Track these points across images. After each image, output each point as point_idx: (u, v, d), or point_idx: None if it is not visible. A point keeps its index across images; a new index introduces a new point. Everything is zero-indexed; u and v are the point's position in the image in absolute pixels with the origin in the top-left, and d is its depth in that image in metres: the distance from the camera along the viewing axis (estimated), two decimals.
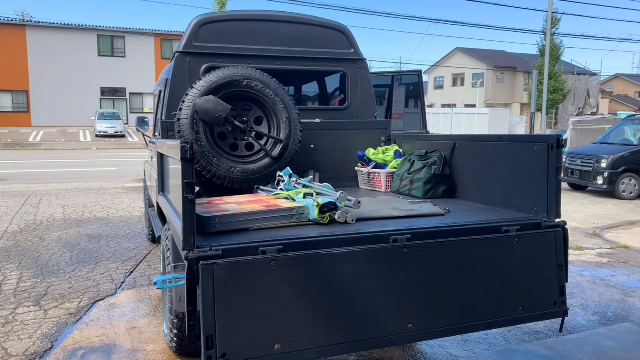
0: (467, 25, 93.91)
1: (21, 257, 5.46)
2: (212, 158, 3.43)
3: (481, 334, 3.58)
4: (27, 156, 19.09)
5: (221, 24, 4.00)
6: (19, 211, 8.11)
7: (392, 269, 2.28)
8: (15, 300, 4.21)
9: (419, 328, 2.35)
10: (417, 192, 3.47)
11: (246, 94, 3.58)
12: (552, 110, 34.01)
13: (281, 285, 2.10)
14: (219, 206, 2.67)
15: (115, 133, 27.57)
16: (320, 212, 2.52)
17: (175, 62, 3.90)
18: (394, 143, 4.20)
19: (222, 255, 2.05)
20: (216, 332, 2.01)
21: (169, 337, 3.12)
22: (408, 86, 7.43)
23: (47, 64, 32.16)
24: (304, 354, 2.15)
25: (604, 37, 61.52)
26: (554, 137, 2.59)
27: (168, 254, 2.89)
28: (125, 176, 12.97)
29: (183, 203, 2.04)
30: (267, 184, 3.53)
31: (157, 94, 4.97)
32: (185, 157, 2.03)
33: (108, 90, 34.39)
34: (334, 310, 2.19)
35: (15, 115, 32.06)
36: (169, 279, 2.52)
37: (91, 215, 7.88)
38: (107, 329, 3.67)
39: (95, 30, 33.57)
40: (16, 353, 3.27)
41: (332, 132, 4.13)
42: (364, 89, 4.40)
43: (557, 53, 30.59)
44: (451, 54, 47.92)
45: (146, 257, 5.52)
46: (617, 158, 10.21)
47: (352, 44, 4.33)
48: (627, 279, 4.97)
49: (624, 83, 53.94)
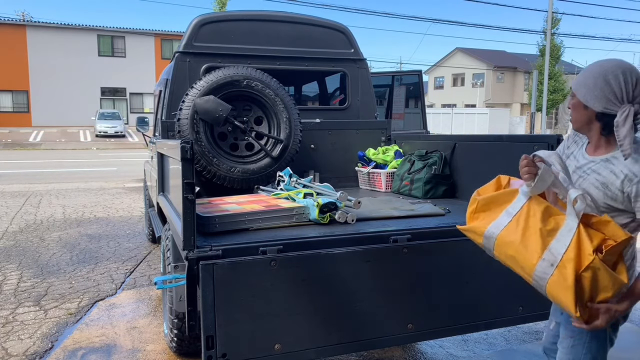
0: (467, 25, 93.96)
1: (21, 257, 5.46)
2: (212, 158, 3.43)
3: (481, 334, 3.58)
4: (27, 156, 19.09)
5: (221, 24, 4.00)
6: (19, 211, 8.11)
7: (392, 269, 2.28)
8: (15, 300, 4.21)
9: (419, 328, 2.35)
10: (417, 192, 3.46)
11: (246, 94, 3.58)
12: (552, 110, 34.02)
13: (281, 285, 2.10)
14: (219, 206, 2.66)
15: (115, 133, 27.57)
16: (320, 212, 2.52)
17: (175, 62, 3.90)
18: (394, 143, 4.20)
19: (222, 255, 2.05)
20: (216, 332, 2.01)
21: (169, 337, 3.12)
22: (408, 86, 7.42)
23: (47, 64, 32.17)
24: (304, 354, 2.16)
25: (604, 37, 61.68)
26: (554, 137, 2.60)
27: (168, 254, 2.88)
28: (125, 176, 12.97)
29: (183, 203, 2.04)
30: (267, 184, 3.53)
31: (157, 94, 4.97)
32: (185, 157, 2.03)
33: (108, 90, 34.40)
34: (334, 310, 2.19)
35: (15, 115, 32.07)
36: (169, 279, 2.52)
37: (91, 215, 7.88)
38: (107, 328, 3.67)
39: (95, 30, 33.58)
40: (16, 353, 3.27)
41: (332, 132, 4.13)
42: (364, 89, 4.40)
43: (557, 53, 30.60)
44: (451, 54, 47.94)
45: (146, 257, 5.52)
46: None
47: (352, 44, 4.33)
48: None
49: None
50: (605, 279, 1.47)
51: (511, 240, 1.59)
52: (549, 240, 1.53)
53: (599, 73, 1.63)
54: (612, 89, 1.61)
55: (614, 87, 1.61)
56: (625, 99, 1.60)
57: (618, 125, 1.58)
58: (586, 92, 1.66)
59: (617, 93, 1.60)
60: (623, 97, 1.60)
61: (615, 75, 1.61)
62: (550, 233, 1.53)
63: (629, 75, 1.60)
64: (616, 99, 1.61)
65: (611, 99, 1.61)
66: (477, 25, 64.19)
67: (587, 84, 1.66)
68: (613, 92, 1.61)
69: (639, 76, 1.61)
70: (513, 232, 1.59)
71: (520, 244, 1.57)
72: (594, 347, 1.73)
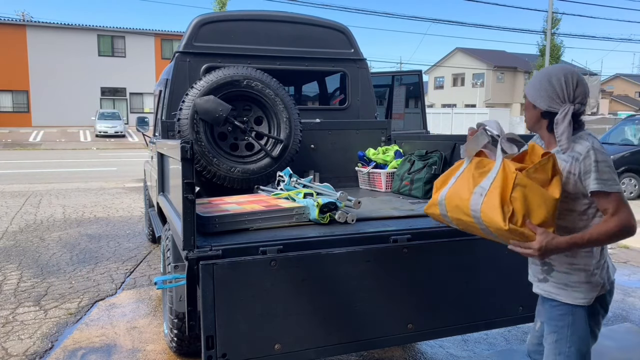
0: (467, 25, 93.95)
1: (21, 257, 5.46)
2: (212, 158, 3.43)
3: (481, 334, 3.58)
4: (27, 156, 19.09)
5: (221, 24, 3.99)
6: (19, 211, 8.11)
7: (392, 269, 2.28)
8: (15, 300, 4.21)
9: (419, 328, 2.35)
10: (417, 192, 3.46)
11: (246, 94, 3.58)
12: None
13: (281, 285, 2.10)
14: (219, 206, 2.66)
15: (115, 133, 27.55)
16: (320, 212, 2.52)
17: (176, 62, 3.90)
18: (394, 143, 4.20)
19: (222, 255, 2.05)
20: (216, 332, 2.01)
21: (169, 337, 3.12)
22: (408, 86, 7.42)
23: (47, 64, 32.16)
24: (304, 354, 2.16)
25: (604, 37, 61.74)
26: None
27: (168, 253, 2.88)
28: (125, 176, 12.97)
29: (183, 203, 2.04)
30: (267, 183, 3.53)
31: (157, 94, 4.97)
32: (185, 157, 2.03)
33: (108, 90, 34.39)
34: (334, 310, 2.19)
35: (15, 115, 32.06)
36: (169, 279, 2.52)
37: (91, 215, 7.88)
38: (107, 328, 3.67)
39: (95, 30, 33.57)
40: (16, 353, 3.27)
41: (332, 132, 4.13)
42: (364, 89, 4.40)
43: (557, 53, 30.55)
44: (451, 54, 47.91)
45: (146, 257, 5.52)
46: (617, 158, 10.20)
47: (352, 43, 4.33)
48: (627, 279, 4.97)
49: (624, 83, 53.94)
50: (536, 196, 1.64)
51: (453, 192, 1.84)
52: (480, 180, 1.75)
53: (544, 76, 1.84)
54: (555, 90, 1.80)
55: (556, 88, 1.80)
56: (567, 99, 1.79)
57: (557, 123, 1.78)
58: (534, 93, 1.86)
59: (559, 93, 1.80)
60: (564, 97, 1.79)
61: (558, 77, 1.80)
62: (482, 174, 1.76)
63: (570, 78, 1.80)
64: (558, 98, 1.80)
65: (554, 98, 1.81)
66: (477, 25, 64.24)
67: (535, 86, 1.87)
68: (556, 93, 1.80)
69: (579, 79, 1.80)
70: (455, 186, 1.85)
71: (460, 191, 1.81)
72: (576, 339, 1.81)
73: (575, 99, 1.79)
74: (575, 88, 1.79)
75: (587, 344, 1.83)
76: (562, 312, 1.83)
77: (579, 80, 1.79)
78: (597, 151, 1.71)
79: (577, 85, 1.79)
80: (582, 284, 1.79)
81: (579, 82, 1.79)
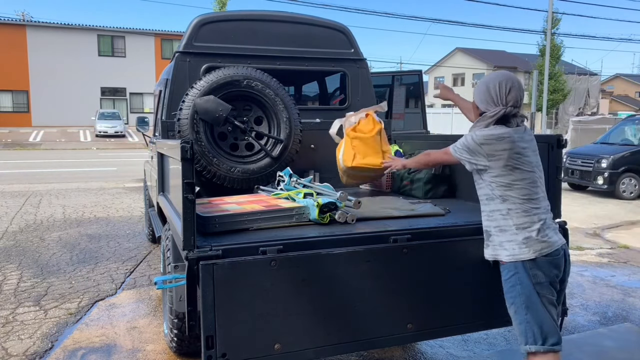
0: (467, 25, 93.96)
1: (21, 257, 5.46)
2: (212, 158, 3.43)
3: (481, 334, 3.58)
4: (27, 156, 19.09)
5: (221, 24, 3.99)
6: (19, 211, 8.11)
7: (392, 269, 2.28)
8: (15, 300, 4.21)
9: (419, 328, 2.35)
10: (417, 192, 3.46)
11: (246, 94, 3.58)
12: (552, 110, 33.98)
13: (281, 285, 2.10)
14: (219, 206, 2.66)
15: (115, 133, 27.56)
16: (320, 212, 2.52)
17: (175, 62, 3.90)
18: (394, 143, 4.20)
19: (222, 255, 2.05)
20: (216, 332, 2.01)
21: (169, 337, 3.12)
22: (408, 86, 7.43)
23: (47, 64, 32.17)
24: (304, 354, 2.16)
25: (604, 37, 61.75)
26: (554, 136, 2.60)
27: (168, 253, 2.88)
28: (125, 176, 12.97)
29: (183, 203, 2.04)
30: (267, 184, 3.53)
31: (157, 94, 4.97)
32: (185, 157, 2.03)
33: (108, 90, 34.41)
34: (333, 310, 2.19)
35: (15, 115, 32.07)
36: (169, 279, 2.52)
37: (91, 215, 7.88)
38: (107, 328, 3.67)
39: (95, 30, 33.59)
40: (16, 353, 3.27)
41: None
42: (364, 88, 4.39)
43: (557, 53, 30.56)
44: (451, 54, 47.93)
45: (146, 257, 5.52)
46: (617, 158, 10.21)
47: (352, 43, 4.33)
48: (627, 279, 4.97)
49: (624, 83, 53.94)
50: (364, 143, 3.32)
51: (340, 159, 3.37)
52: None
53: (484, 82, 2.19)
54: (491, 94, 2.14)
55: (492, 92, 2.14)
56: (500, 102, 2.12)
57: (483, 117, 2.17)
58: (476, 96, 2.22)
59: (494, 98, 2.14)
60: (498, 100, 2.12)
61: (494, 83, 2.13)
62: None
63: (504, 84, 2.12)
64: (493, 101, 2.14)
65: (489, 102, 2.15)
66: (477, 25, 64.24)
67: (477, 90, 2.22)
68: (491, 96, 2.14)
69: (513, 85, 2.11)
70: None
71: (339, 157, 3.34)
72: (531, 307, 2.10)
73: (507, 102, 2.11)
74: (508, 93, 2.11)
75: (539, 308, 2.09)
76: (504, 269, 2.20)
77: (512, 87, 2.10)
78: (470, 136, 2.17)
79: (510, 91, 2.10)
80: (508, 243, 2.14)
81: (511, 88, 2.10)
